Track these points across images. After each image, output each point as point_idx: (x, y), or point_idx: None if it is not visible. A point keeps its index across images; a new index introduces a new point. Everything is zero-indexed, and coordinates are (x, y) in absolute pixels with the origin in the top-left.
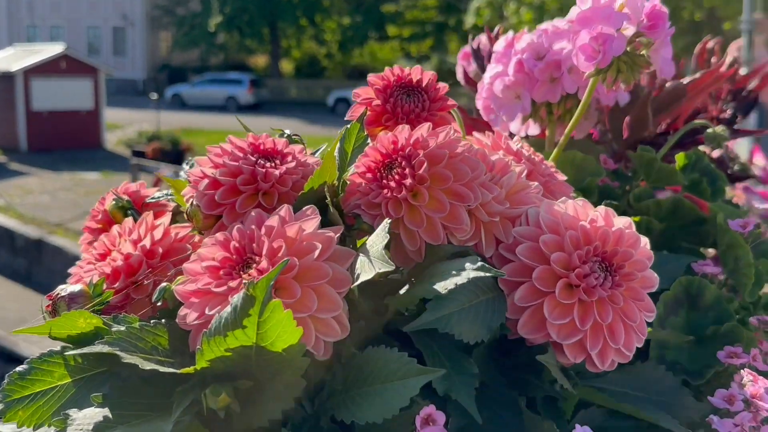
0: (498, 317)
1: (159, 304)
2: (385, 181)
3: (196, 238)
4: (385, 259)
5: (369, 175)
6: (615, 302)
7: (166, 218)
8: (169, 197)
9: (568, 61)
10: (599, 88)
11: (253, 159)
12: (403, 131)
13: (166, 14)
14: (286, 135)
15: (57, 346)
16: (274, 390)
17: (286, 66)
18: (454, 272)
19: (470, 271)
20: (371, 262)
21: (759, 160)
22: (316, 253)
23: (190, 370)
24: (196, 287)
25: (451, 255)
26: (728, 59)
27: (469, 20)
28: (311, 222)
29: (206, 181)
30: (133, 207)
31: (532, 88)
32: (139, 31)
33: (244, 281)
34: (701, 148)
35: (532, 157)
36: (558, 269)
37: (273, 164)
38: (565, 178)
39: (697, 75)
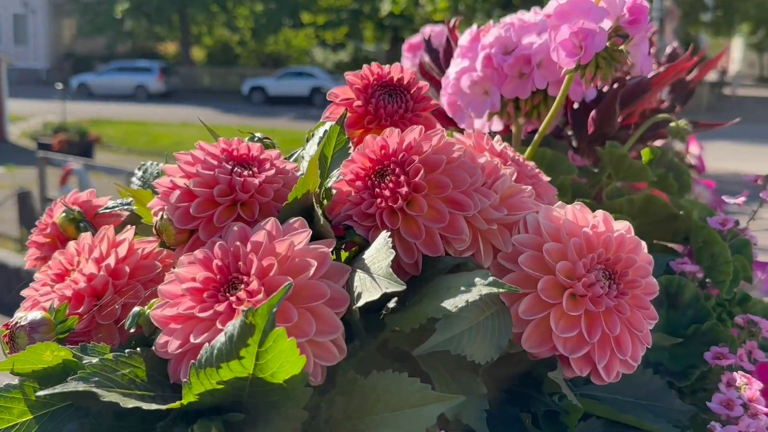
0: (505, 334)
1: (132, 330)
2: (378, 189)
3: (164, 253)
4: (393, 277)
5: (359, 183)
6: (622, 312)
7: (129, 233)
8: (123, 207)
9: (538, 55)
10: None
11: (229, 167)
12: (392, 135)
13: (69, 1)
14: (257, 139)
15: (10, 378)
16: (271, 423)
17: (198, 53)
18: (463, 288)
19: (481, 287)
20: (375, 280)
21: (694, 149)
22: (312, 270)
23: (176, 405)
24: (177, 312)
25: (451, 267)
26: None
27: (385, 7)
28: (301, 236)
29: (177, 192)
30: (86, 219)
31: (501, 83)
32: (42, 19)
33: (235, 306)
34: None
35: (516, 158)
36: (563, 279)
37: (251, 172)
38: (548, 179)
39: (661, 69)
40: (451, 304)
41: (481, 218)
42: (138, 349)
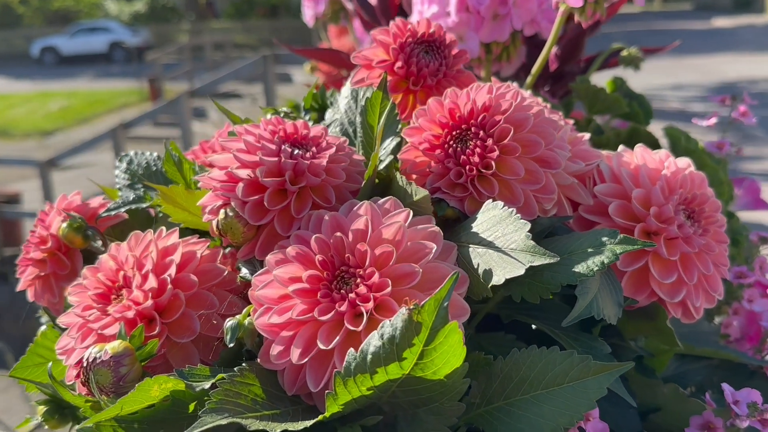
0: (618, 289)
1: (231, 345)
2: (464, 157)
3: (220, 254)
4: (537, 249)
5: (439, 152)
6: (710, 250)
7: (174, 235)
8: (127, 207)
9: None
10: (538, 20)
11: (289, 150)
12: (461, 96)
13: None
14: (283, 114)
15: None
16: (421, 422)
17: None
18: (591, 250)
19: (614, 246)
20: (508, 255)
21: None
22: (432, 253)
23: (320, 419)
24: (289, 317)
25: (545, 228)
26: None
27: None
28: (401, 217)
29: (241, 184)
30: (89, 225)
31: (478, 27)
32: None
33: (359, 303)
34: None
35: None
36: (657, 224)
37: (311, 153)
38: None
39: None
40: (585, 268)
41: (565, 174)
42: (245, 365)
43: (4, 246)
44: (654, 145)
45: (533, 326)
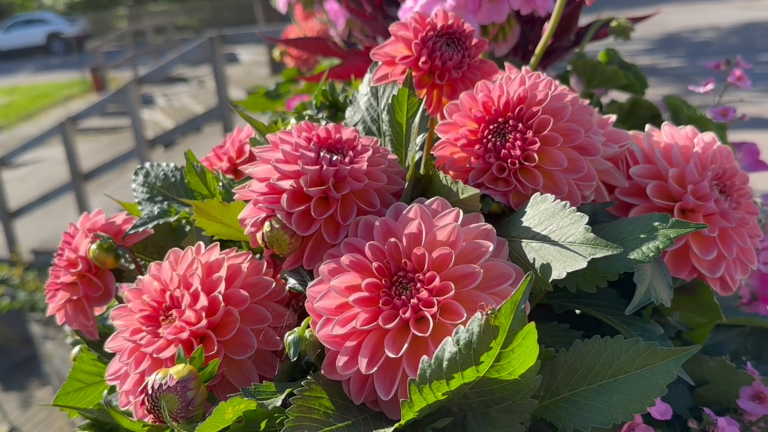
0: (667, 271)
1: (294, 359)
2: (504, 150)
3: (264, 267)
4: (600, 241)
5: (478, 147)
6: (745, 223)
7: (215, 250)
8: (153, 224)
9: None
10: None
11: (328, 156)
12: (494, 89)
13: None
14: (308, 117)
15: None
16: (493, 420)
17: None
18: (643, 235)
19: (667, 231)
20: (566, 248)
21: None
22: (489, 252)
23: (397, 426)
24: (353, 327)
25: (589, 215)
26: None
27: None
28: (451, 217)
29: (285, 196)
30: (120, 245)
31: (476, 10)
32: None
33: (422, 307)
34: None
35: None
36: (695, 202)
37: (348, 157)
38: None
39: None
40: (641, 254)
41: (601, 159)
42: (309, 379)
43: None
44: (656, 115)
45: (577, 312)
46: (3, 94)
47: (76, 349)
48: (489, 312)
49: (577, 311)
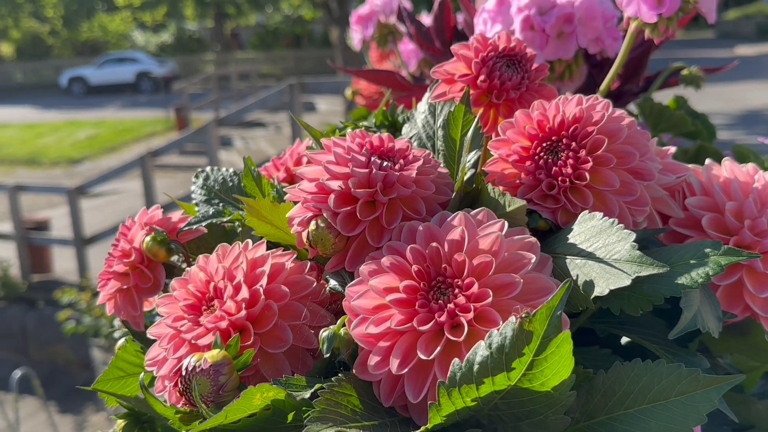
0: (717, 303)
1: (327, 355)
2: (556, 168)
3: (308, 266)
4: (645, 259)
5: (529, 164)
6: None
7: (263, 248)
8: (208, 221)
9: (578, 12)
10: (603, 37)
11: (379, 162)
12: (550, 108)
13: None
14: (363, 126)
15: None
16: None
17: (6, 49)
18: (693, 261)
19: (718, 258)
20: (611, 266)
21: None
22: (531, 264)
23: (423, 430)
24: (387, 327)
25: (639, 241)
26: None
27: None
28: (496, 227)
29: (333, 196)
30: (173, 240)
31: (542, 46)
32: None
33: (459, 312)
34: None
35: None
36: (752, 237)
37: (399, 165)
38: None
39: None
40: (690, 279)
41: (656, 186)
42: (341, 376)
43: (32, 272)
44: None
45: (623, 340)
46: (90, 127)
47: (122, 340)
48: (523, 315)
49: (622, 342)
